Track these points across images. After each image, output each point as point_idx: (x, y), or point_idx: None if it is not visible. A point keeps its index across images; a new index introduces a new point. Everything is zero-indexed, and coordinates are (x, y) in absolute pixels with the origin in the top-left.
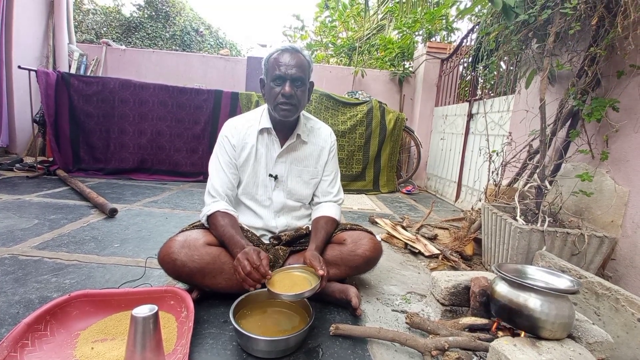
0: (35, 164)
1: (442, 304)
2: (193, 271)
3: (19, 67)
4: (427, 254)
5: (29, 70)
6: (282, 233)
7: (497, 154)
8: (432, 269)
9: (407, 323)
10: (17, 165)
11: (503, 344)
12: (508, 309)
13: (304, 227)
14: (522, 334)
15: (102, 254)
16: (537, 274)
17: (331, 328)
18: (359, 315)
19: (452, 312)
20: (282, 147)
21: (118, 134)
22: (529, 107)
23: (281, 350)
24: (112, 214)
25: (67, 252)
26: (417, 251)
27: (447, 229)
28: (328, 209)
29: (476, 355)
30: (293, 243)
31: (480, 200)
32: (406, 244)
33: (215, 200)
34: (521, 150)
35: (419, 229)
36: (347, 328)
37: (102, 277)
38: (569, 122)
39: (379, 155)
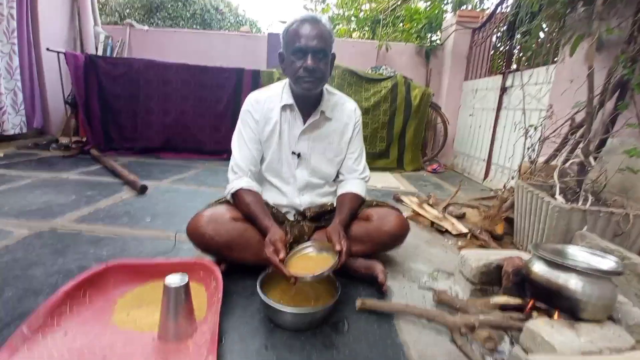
0: (70, 144)
1: (472, 283)
2: (220, 245)
3: (47, 49)
4: (454, 232)
5: (58, 52)
6: (306, 209)
7: (535, 128)
8: (460, 248)
9: (435, 300)
10: (53, 145)
11: (539, 324)
12: (546, 289)
13: (329, 204)
14: (556, 314)
15: (135, 228)
16: (578, 254)
17: (357, 303)
18: (385, 292)
19: (482, 291)
20: (304, 123)
21: (144, 114)
22: (574, 76)
23: (307, 322)
24: (142, 190)
25: (103, 226)
26: (444, 229)
27: (476, 207)
28: (353, 186)
29: (508, 335)
30: (318, 219)
31: (512, 179)
32: (432, 222)
33: (239, 176)
34: (563, 124)
35: (445, 208)
36: (373, 303)
37: (135, 249)
38: (617, 93)
39: (403, 133)
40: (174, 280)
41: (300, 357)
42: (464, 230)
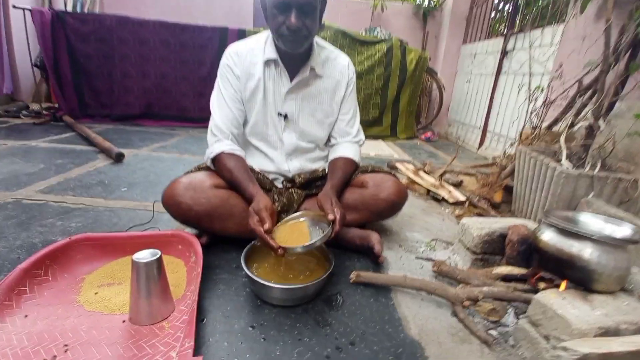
0: (41, 111)
1: (473, 252)
2: (200, 215)
3: (14, 6)
4: (451, 200)
5: (24, 9)
6: (296, 176)
7: (542, 90)
8: (458, 216)
9: (434, 271)
10: (24, 112)
11: (550, 296)
12: (556, 259)
13: (321, 170)
14: (563, 285)
15: (109, 198)
16: (590, 222)
17: (352, 275)
18: (381, 263)
19: (483, 261)
20: (291, 81)
21: (121, 77)
22: (584, 35)
23: (298, 298)
24: (118, 158)
25: (74, 196)
26: (440, 198)
27: (473, 175)
28: (346, 150)
29: (512, 306)
30: (309, 186)
31: (512, 145)
32: (428, 190)
33: (219, 139)
34: (571, 86)
35: (442, 175)
36: (369, 275)
37: (109, 221)
38: (629, 53)
39: (397, 99)
40: (144, 255)
41: (291, 335)
42: (462, 198)
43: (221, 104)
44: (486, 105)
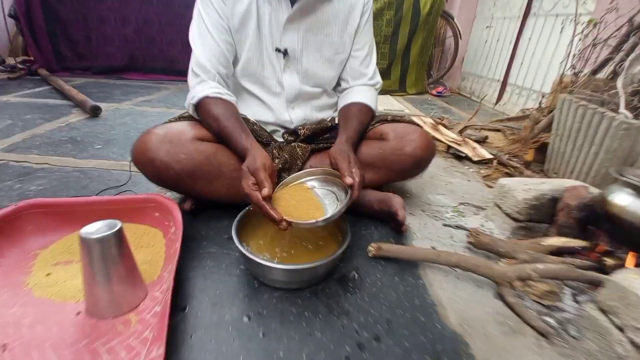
0: (16, 64)
1: (515, 219)
2: (180, 175)
3: None
4: (475, 158)
5: None
6: (299, 127)
7: (595, 24)
8: (485, 177)
9: (469, 242)
10: (0, 67)
11: (631, 277)
12: (638, 229)
13: (329, 119)
14: (631, 259)
15: (80, 157)
16: None
17: (370, 248)
18: (404, 232)
19: (526, 229)
20: (292, 6)
21: (98, 22)
22: None
23: (306, 280)
24: (94, 112)
25: (38, 155)
26: (463, 155)
27: (499, 130)
28: (361, 94)
29: (569, 288)
30: (315, 139)
31: (543, 97)
32: (448, 147)
33: (202, 80)
34: (623, 25)
35: (462, 131)
36: (393, 249)
37: (77, 184)
38: None
39: (408, 49)
40: (97, 228)
41: (297, 329)
42: (488, 155)
43: (204, 35)
44: (508, 54)
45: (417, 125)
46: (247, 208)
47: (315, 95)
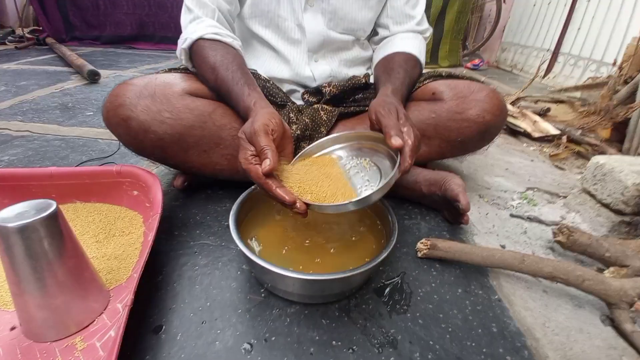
0: (24, 34)
1: (617, 212)
2: (164, 141)
3: None
4: (536, 134)
5: None
6: (323, 85)
7: None
8: (553, 156)
9: (557, 242)
10: (9, 37)
11: None
12: None
13: (363, 76)
14: None
15: (66, 124)
16: None
17: (420, 245)
18: (464, 224)
19: (631, 225)
20: None
21: None
22: None
23: (334, 294)
24: (92, 77)
25: (21, 122)
26: (521, 130)
27: (561, 101)
28: (406, 42)
29: None
30: (344, 100)
31: (615, 65)
32: None
33: (196, 17)
34: None
35: (513, 103)
36: (454, 248)
37: (55, 154)
38: None
39: (442, 15)
40: (18, 212)
41: None
42: (553, 131)
43: None
44: (562, 19)
45: (481, 82)
46: (252, 187)
47: (345, 45)
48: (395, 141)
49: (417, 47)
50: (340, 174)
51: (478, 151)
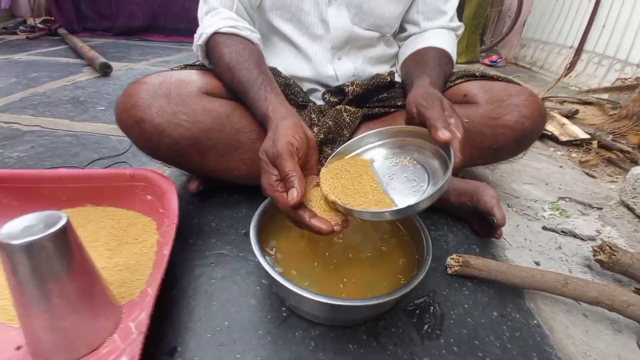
0: (36, 24)
1: None
2: (180, 144)
3: None
4: (564, 138)
5: None
6: (346, 85)
7: None
8: (584, 163)
9: (598, 260)
10: (21, 27)
11: None
12: None
13: (388, 74)
14: None
15: (78, 119)
16: None
17: (451, 262)
18: (498, 238)
19: None
20: None
21: None
22: None
23: (361, 318)
24: (104, 70)
25: (32, 116)
26: (548, 134)
27: (589, 103)
28: (438, 38)
29: None
30: (367, 100)
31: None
32: None
33: (212, 9)
34: None
35: None
36: (488, 267)
37: (66, 151)
38: None
39: (460, 8)
40: (24, 226)
41: None
42: (582, 135)
43: None
44: (586, 15)
45: (519, 84)
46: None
47: (370, 42)
48: (443, 134)
49: (449, 43)
50: (372, 178)
51: (510, 159)
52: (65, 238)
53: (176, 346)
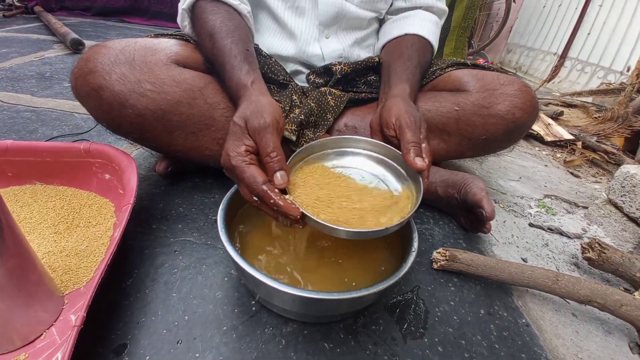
0: (13, 2)
1: None
2: (144, 118)
3: None
4: (548, 138)
5: None
6: (333, 65)
7: None
8: (568, 163)
9: (586, 258)
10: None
11: None
12: None
13: (377, 57)
14: None
15: (40, 95)
16: None
17: (437, 256)
18: (486, 232)
19: None
20: None
21: None
22: None
23: (339, 314)
24: (75, 47)
25: None
26: (534, 133)
27: (573, 105)
28: (419, 24)
29: None
30: (355, 83)
31: (628, 70)
32: None
33: None
34: None
35: None
36: (476, 262)
37: (23, 126)
38: None
39: (451, 8)
40: None
41: None
42: (567, 135)
43: None
44: (572, 22)
45: (511, 74)
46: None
47: (361, 24)
48: (419, 163)
49: (429, 30)
50: (352, 182)
51: (501, 152)
52: None
53: (125, 343)
